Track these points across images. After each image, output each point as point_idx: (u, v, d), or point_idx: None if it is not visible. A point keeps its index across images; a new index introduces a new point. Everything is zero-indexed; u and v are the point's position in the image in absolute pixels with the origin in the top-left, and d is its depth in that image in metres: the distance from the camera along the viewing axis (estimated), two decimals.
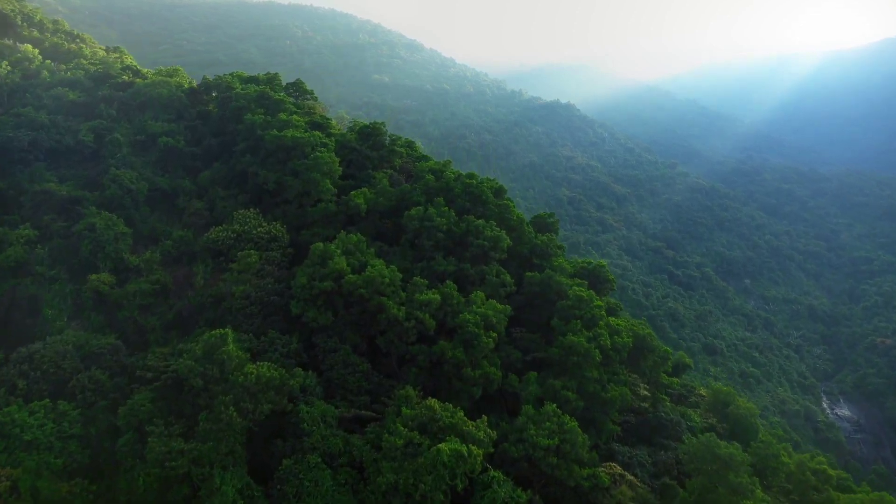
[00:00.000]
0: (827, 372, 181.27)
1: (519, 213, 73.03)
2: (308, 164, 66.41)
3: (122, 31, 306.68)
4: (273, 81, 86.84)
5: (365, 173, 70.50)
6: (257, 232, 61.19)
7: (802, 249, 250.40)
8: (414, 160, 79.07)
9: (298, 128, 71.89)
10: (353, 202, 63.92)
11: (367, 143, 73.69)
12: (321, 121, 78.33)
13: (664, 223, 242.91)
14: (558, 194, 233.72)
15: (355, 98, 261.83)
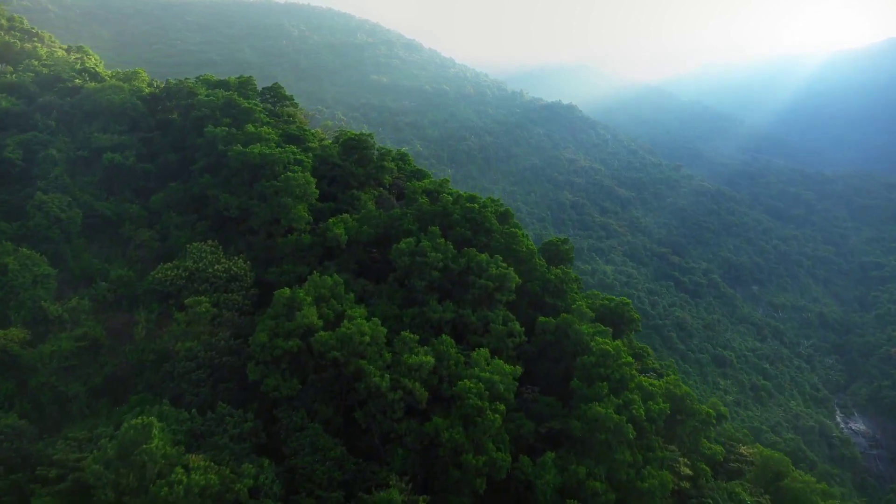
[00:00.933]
0: (840, 383, 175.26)
1: (529, 244, 63.57)
2: (278, 186, 57.05)
3: (115, 30, 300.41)
4: (246, 86, 76.70)
5: (348, 194, 61.39)
6: (215, 270, 51.50)
7: (811, 254, 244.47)
8: (406, 176, 71.16)
9: (269, 142, 62.50)
10: (332, 232, 54.24)
11: (351, 158, 64.29)
12: (297, 132, 68.61)
13: (669, 228, 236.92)
14: (561, 198, 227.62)
15: (353, 99, 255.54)
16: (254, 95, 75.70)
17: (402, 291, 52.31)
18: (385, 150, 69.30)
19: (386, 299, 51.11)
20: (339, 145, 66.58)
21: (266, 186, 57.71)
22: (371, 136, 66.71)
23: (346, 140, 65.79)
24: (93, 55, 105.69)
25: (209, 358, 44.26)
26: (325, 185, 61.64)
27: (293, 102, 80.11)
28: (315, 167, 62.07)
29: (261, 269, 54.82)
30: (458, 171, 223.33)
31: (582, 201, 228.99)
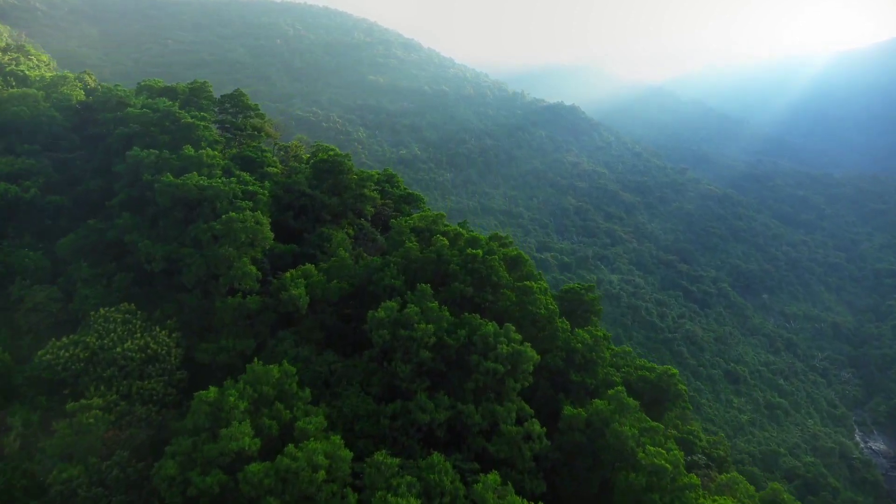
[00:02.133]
0: (857, 399, 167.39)
1: (548, 301, 49.51)
2: (217, 230, 43.54)
3: (105, 29, 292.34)
4: (199, 94, 63.13)
5: (318, 232, 48.70)
6: (125, 348, 37.92)
7: (822, 261, 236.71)
8: (395, 201, 59.84)
9: (213, 167, 49.06)
10: (288, 294, 41.12)
11: (323, 185, 51.93)
12: (253, 154, 54.93)
13: (676, 234, 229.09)
14: (564, 203, 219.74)
15: (349, 100, 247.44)
16: (209, 106, 62.94)
17: (381, 375, 39.36)
18: (365, 174, 55.51)
19: (358, 388, 38.09)
20: (309, 168, 54.70)
21: (201, 230, 43.96)
22: (347, 157, 54.57)
23: (318, 163, 53.38)
24: (37, 54, 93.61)
25: (92, 498, 30.09)
26: (290, 219, 50.07)
27: (259, 113, 66.45)
28: (278, 197, 50.56)
29: (195, 339, 41.36)
30: (457, 176, 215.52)
31: (586, 206, 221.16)
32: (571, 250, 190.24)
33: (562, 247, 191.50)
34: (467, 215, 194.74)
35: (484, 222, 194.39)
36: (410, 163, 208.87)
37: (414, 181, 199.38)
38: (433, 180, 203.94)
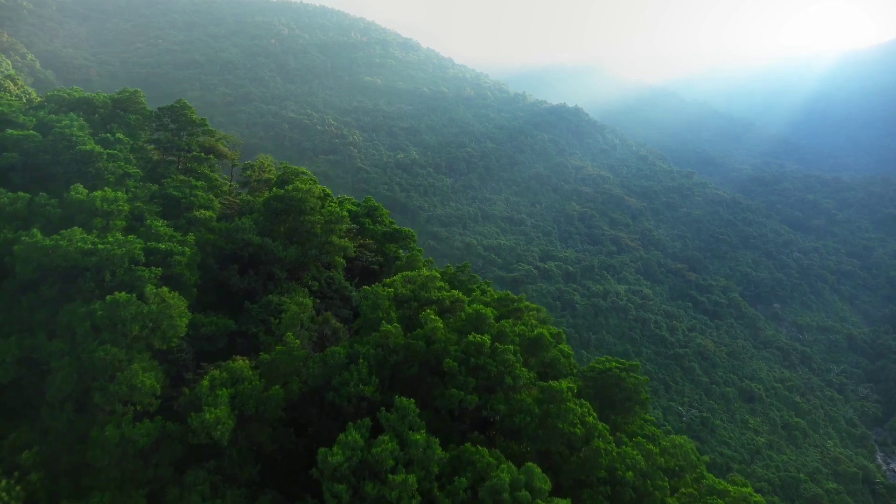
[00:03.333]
0: (877, 417, 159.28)
1: (589, 414, 35.14)
2: (100, 317, 29.37)
3: (94, 28, 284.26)
4: (128, 107, 51.64)
5: (264, 300, 35.56)
6: None
7: (834, 269, 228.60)
8: (378, 241, 47.70)
9: (111, 215, 34.94)
10: (199, 421, 26.43)
11: (280, 229, 38.90)
12: (178, 194, 40.50)
13: (684, 240, 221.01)
14: (568, 209, 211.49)
15: (344, 102, 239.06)
16: (138, 122, 50.91)
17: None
18: (335, 212, 40.36)
19: None
20: (258, 210, 40.82)
21: (77, 317, 29.57)
22: (314, 185, 41.81)
23: (271, 200, 39.16)
24: None
25: None
26: (234, 276, 37.33)
27: (207, 129, 53.77)
28: (218, 248, 38.29)
29: (66, 485, 27.19)
30: (457, 181, 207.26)
31: (590, 212, 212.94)
32: (576, 259, 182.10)
33: (566, 255, 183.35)
34: (467, 222, 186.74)
35: (485, 229, 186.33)
36: (408, 167, 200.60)
37: (412, 187, 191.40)
38: (432, 185, 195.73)
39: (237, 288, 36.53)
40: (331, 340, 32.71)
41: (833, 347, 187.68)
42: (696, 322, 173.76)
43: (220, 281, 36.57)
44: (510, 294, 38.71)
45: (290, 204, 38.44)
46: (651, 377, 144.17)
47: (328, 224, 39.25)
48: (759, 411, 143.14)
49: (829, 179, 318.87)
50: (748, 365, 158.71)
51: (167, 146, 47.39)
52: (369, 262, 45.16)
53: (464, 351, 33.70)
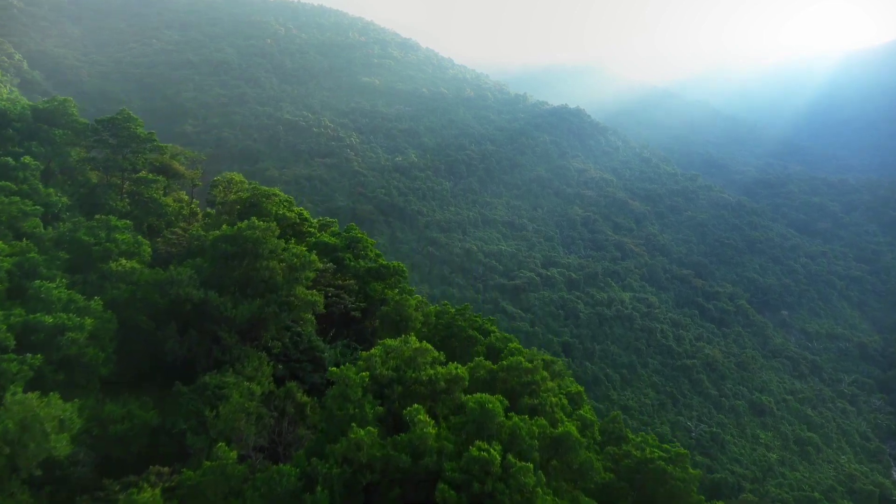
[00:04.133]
0: (891, 429, 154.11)
1: None
2: None
3: (88, 27, 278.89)
4: (55, 117, 41.92)
5: (199, 383, 26.68)
6: None
7: (843, 274, 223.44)
8: (361, 279, 39.25)
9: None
10: None
11: (231, 277, 30.11)
12: (89, 239, 30.55)
13: (689, 245, 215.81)
14: (570, 213, 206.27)
15: (341, 104, 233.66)
16: (66, 137, 40.69)
17: None
18: (302, 257, 30.92)
19: None
20: (210, 247, 31.35)
21: None
22: (270, 227, 30.44)
23: (218, 241, 30.17)
24: None
25: None
26: (172, 337, 29.23)
27: (157, 145, 45.65)
28: (151, 301, 29.61)
29: None
30: (456, 184, 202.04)
31: (593, 217, 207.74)
32: (579, 265, 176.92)
33: (569, 261, 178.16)
34: (467, 227, 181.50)
35: (485, 235, 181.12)
36: (407, 171, 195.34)
37: (410, 191, 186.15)
38: (431, 189, 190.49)
39: (175, 356, 28.28)
40: (292, 429, 25.45)
41: (843, 356, 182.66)
42: (703, 331, 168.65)
43: (156, 344, 28.45)
44: (522, 360, 27.58)
45: (243, 246, 29.33)
46: (658, 390, 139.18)
47: (292, 272, 29.99)
48: (770, 425, 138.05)
49: (834, 181, 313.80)
50: (758, 376, 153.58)
51: (108, 165, 39.41)
52: (349, 307, 37.52)
53: (465, 470, 24.61)
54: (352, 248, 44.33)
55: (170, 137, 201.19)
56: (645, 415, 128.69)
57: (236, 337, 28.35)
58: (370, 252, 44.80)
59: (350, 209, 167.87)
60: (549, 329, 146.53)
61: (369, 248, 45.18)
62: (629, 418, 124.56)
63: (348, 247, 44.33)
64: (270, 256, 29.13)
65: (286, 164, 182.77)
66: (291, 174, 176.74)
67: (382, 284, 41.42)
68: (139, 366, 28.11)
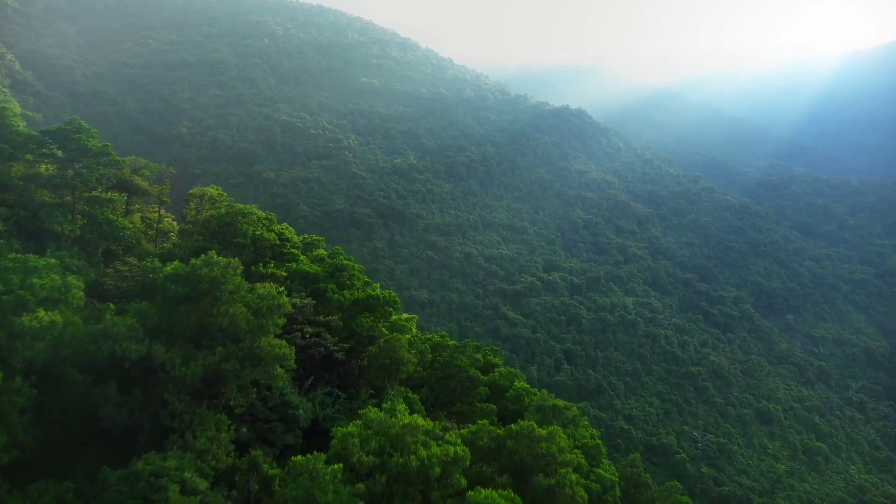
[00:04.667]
0: None
1: None
2: None
3: (82, 27, 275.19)
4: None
5: (131, 471, 19.26)
6: None
7: (848, 277, 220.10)
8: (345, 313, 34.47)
9: None
10: None
11: (188, 319, 24.32)
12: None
13: (692, 249, 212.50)
14: (572, 216, 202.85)
15: (340, 105, 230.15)
16: (2, 152, 33.71)
17: None
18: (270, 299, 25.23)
19: None
20: (160, 286, 25.29)
21: None
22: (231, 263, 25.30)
23: (167, 282, 24.55)
24: None
25: None
26: (108, 400, 22.69)
27: (114, 159, 38.26)
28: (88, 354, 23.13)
29: None
30: (456, 186, 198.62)
31: (595, 219, 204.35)
32: (581, 270, 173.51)
33: (571, 266, 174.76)
34: (467, 230, 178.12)
35: (485, 238, 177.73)
36: (406, 173, 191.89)
37: (409, 193, 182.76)
38: (430, 192, 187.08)
39: (114, 422, 22.32)
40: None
41: (850, 361, 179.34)
42: (707, 336, 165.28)
43: (91, 405, 22.49)
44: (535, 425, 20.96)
45: (198, 288, 23.87)
46: (663, 398, 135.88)
47: (258, 318, 24.33)
48: (777, 434, 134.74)
49: (838, 183, 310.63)
50: (764, 383, 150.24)
51: (56, 183, 33.57)
52: (331, 349, 31.86)
53: None
54: (336, 277, 38.02)
55: (165, 139, 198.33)
56: (650, 424, 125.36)
57: (187, 398, 22.99)
58: (357, 281, 38.50)
59: (348, 212, 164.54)
60: (551, 335, 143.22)
61: (356, 276, 38.90)
62: (634, 428, 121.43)
63: (332, 275, 38.07)
64: (231, 300, 23.92)
65: (283, 167, 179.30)
66: (288, 176, 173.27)
67: (371, 318, 36.23)
68: (70, 434, 22.28)
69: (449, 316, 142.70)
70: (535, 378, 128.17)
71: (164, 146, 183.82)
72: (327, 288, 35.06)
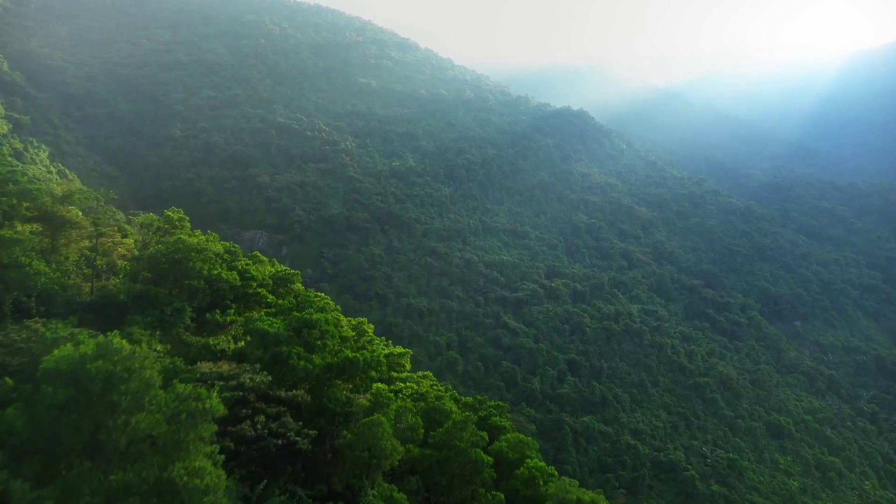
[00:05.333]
0: None
1: None
2: None
3: (75, 27, 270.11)
4: None
5: None
6: None
7: (856, 283, 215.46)
8: (317, 383, 28.04)
9: None
10: None
11: (68, 439, 15.56)
12: None
13: (698, 253, 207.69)
14: (575, 220, 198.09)
15: (337, 106, 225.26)
16: None
17: None
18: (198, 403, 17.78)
19: None
20: (38, 391, 17.37)
21: None
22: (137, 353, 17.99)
23: (49, 377, 16.63)
24: None
25: None
26: None
27: (26, 187, 30.65)
28: None
29: None
30: (456, 190, 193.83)
31: (598, 223, 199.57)
32: (585, 276, 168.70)
33: (574, 272, 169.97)
34: (467, 236, 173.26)
35: (486, 244, 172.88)
36: (404, 176, 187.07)
37: (408, 197, 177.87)
38: (429, 196, 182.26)
39: None
40: None
41: (860, 370, 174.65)
42: (714, 345, 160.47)
43: None
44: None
45: (89, 390, 16.91)
46: (670, 411, 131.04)
47: (174, 431, 17.22)
48: (789, 449, 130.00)
49: (843, 185, 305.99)
50: (774, 394, 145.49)
51: None
52: (291, 439, 24.65)
53: None
54: (302, 336, 29.42)
55: (157, 142, 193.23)
56: (657, 439, 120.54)
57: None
58: (330, 339, 29.48)
59: (344, 217, 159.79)
60: (554, 345, 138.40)
61: (330, 333, 29.74)
62: (640, 444, 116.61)
63: (298, 332, 29.51)
64: (135, 406, 16.60)
65: (278, 170, 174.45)
66: (283, 180, 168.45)
67: (350, 386, 28.97)
68: None
69: (448, 325, 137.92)
70: (537, 390, 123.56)
71: (156, 149, 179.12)
72: (291, 353, 27.49)
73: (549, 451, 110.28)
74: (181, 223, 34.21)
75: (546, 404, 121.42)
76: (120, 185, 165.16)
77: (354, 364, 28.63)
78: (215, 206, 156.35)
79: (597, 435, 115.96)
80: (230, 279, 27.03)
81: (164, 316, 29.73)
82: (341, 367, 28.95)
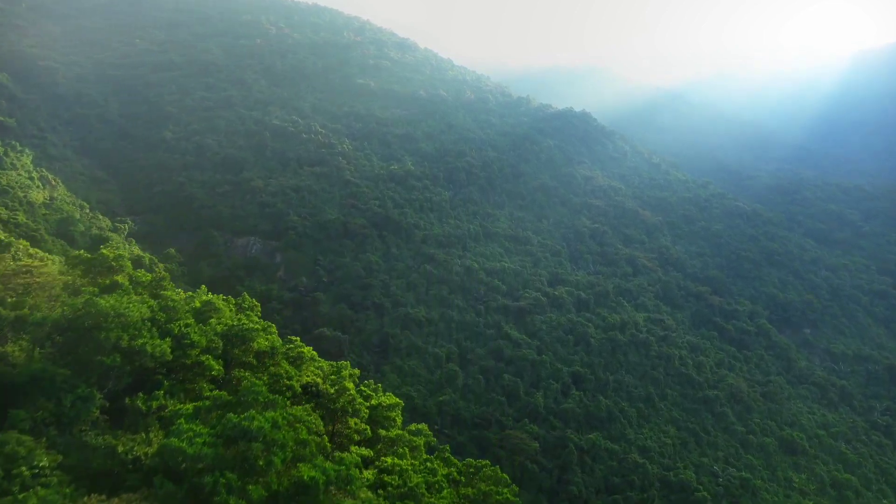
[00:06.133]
0: None
1: None
2: None
3: (68, 26, 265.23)
4: None
5: None
6: None
7: (867, 288, 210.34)
8: None
9: None
10: None
11: None
12: None
13: (704, 259, 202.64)
14: (578, 225, 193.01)
15: (334, 107, 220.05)
16: None
17: None
18: None
19: None
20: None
21: None
22: None
23: None
24: None
25: None
26: None
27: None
28: None
29: None
30: (456, 194, 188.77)
31: (602, 228, 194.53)
32: (589, 283, 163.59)
33: (577, 279, 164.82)
34: (468, 242, 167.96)
35: (487, 250, 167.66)
36: (403, 180, 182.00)
37: (406, 202, 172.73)
38: (428, 200, 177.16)
39: None
40: None
41: (872, 380, 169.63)
42: (723, 355, 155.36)
43: None
44: None
45: None
46: (678, 426, 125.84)
47: None
48: (803, 466, 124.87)
49: (850, 188, 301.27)
50: (786, 408, 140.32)
51: None
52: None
53: None
54: (239, 452, 20.64)
55: (148, 144, 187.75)
56: (666, 457, 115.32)
57: None
58: (278, 455, 20.45)
59: (341, 223, 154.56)
60: (558, 357, 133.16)
61: (279, 447, 20.74)
62: (649, 462, 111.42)
63: (230, 446, 20.92)
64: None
65: (272, 174, 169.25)
66: (278, 185, 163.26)
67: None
68: None
69: (448, 336, 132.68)
70: (540, 405, 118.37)
71: (147, 152, 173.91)
72: (217, 483, 19.33)
73: (554, 470, 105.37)
74: (120, 263, 27.47)
75: (550, 420, 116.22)
76: (109, 190, 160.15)
77: (311, 487, 20.28)
78: (207, 212, 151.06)
79: (603, 453, 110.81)
80: (156, 352, 21.00)
81: (61, 408, 23.12)
82: (292, 495, 20.52)
